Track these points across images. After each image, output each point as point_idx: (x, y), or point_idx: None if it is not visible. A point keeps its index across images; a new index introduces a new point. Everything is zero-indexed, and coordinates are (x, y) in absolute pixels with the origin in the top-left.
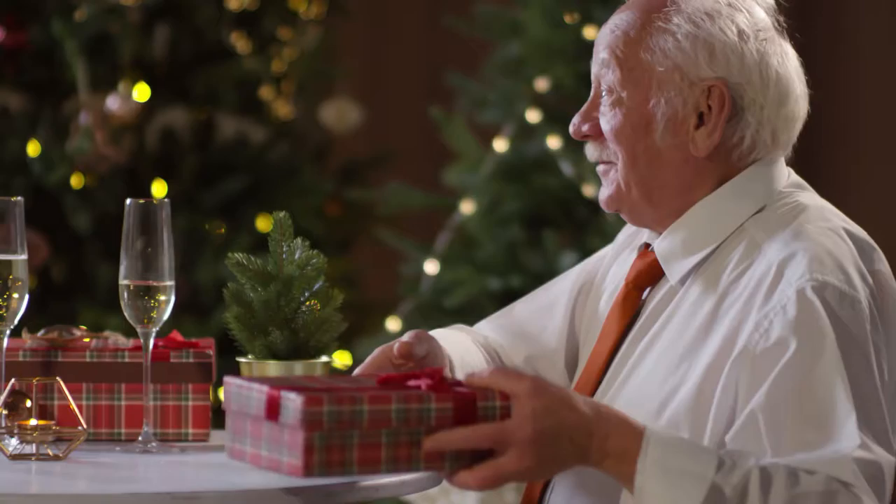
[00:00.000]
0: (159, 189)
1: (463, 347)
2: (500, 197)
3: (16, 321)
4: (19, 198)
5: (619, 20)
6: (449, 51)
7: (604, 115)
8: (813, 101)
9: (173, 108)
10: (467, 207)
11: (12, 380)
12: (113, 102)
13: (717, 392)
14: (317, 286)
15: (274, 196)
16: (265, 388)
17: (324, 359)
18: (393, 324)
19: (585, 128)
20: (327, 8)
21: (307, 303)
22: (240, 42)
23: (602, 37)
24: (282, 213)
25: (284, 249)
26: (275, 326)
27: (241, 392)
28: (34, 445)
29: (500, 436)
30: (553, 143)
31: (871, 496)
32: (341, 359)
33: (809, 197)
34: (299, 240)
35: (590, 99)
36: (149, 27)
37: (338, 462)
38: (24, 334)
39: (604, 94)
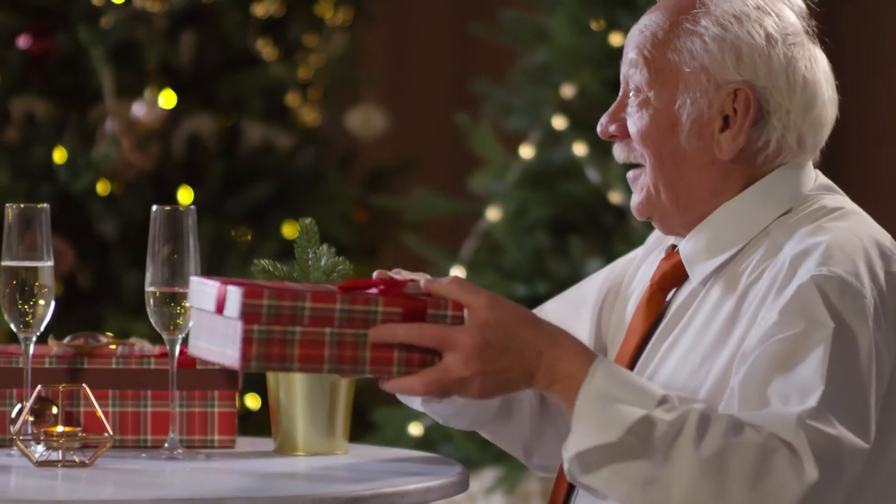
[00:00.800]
0: (185, 196)
1: None
2: (527, 203)
3: (42, 328)
4: (45, 205)
5: (648, 21)
6: (475, 57)
7: (630, 115)
8: (841, 105)
9: (199, 115)
10: (493, 214)
11: (38, 386)
12: (139, 109)
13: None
14: None
15: (300, 202)
16: (217, 284)
17: None
18: None
19: (613, 128)
20: (353, 14)
21: None
22: (266, 48)
23: (631, 37)
24: (308, 220)
25: (310, 256)
26: None
27: (200, 289)
28: (60, 452)
29: (447, 338)
30: (579, 149)
31: (814, 466)
32: None
33: (837, 200)
34: (325, 246)
35: (618, 99)
36: (175, 34)
37: (277, 356)
38: (51, 341)
39: (631, 94)
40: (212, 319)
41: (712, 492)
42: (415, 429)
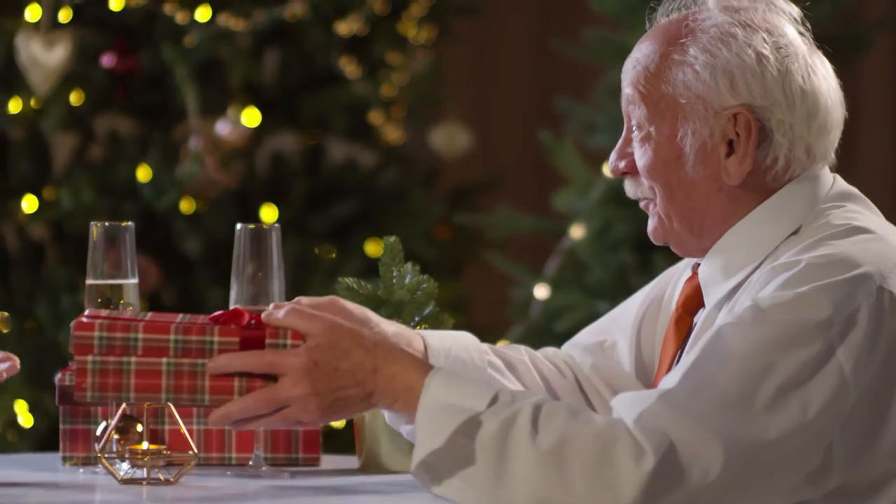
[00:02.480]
0: (269, 214)
1: (458, 341)
2: (610, 221)
3: None
4: (130, 223)
5: (639, 54)
6: (558, 75)
7: (635, 151)
8: None
9: (283, 133)
10: (577, 232)
11: (123, 404)
12: (223, 127)
13: None
14: (427, 311)
15: (384, 220)
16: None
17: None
18: None
19: (622, 165)
20: (437, 33)
21: (418, 327)
22: (349, 67)
23: (625, 72)
24: (392, 238)
25: (395, 274)
26: None
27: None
28: (145, 470)
29: (278, 362)
30: None
31: (652, 455)
32: None
33: (847, 213)
34: (410, 264)
35: (623, 135)
36: (259, 52)
37: (113, 387)
38: None
39: (634, 129)
40: None
41: (554, 485)
42: None
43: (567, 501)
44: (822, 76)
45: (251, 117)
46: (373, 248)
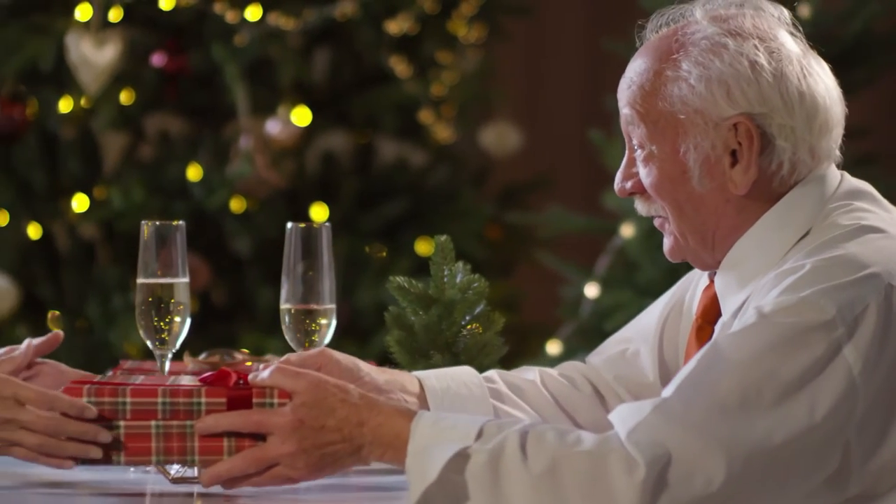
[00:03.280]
0: (319, 213)
1: (456, 378)
2: None
3: (177, 344)
4: (181, 222)
5: (633, 73)
6: (609, 73)
7: (640, 170)
8: None
9: (333, 132)
10: (627, 231)
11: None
12: (273, 126)
13: None
14: (478, 310)
15: (434, 220)
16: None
17: (497, 370)
18: (553, 347)
19: (628, 185)
20: (487, 32)
21: (468, 326)
22: (399, 66)
23: (621, 92)
24: (443, 237)
25: (446, 273)
26: (436, 350)
27: None
28: (196, 468)
29: (265, 421)
30: None
31: (644, 465)
32: None
33: (855, 213)
34: (460, 263)
35: (626, 155)
36: (309, 51)
37: (104, 450)
38: (186, 358)
39: (637, 149)
40: None
41: None
42: None
43: None
44: (818, 76)
45: (301, 116)
46: (423, 247)
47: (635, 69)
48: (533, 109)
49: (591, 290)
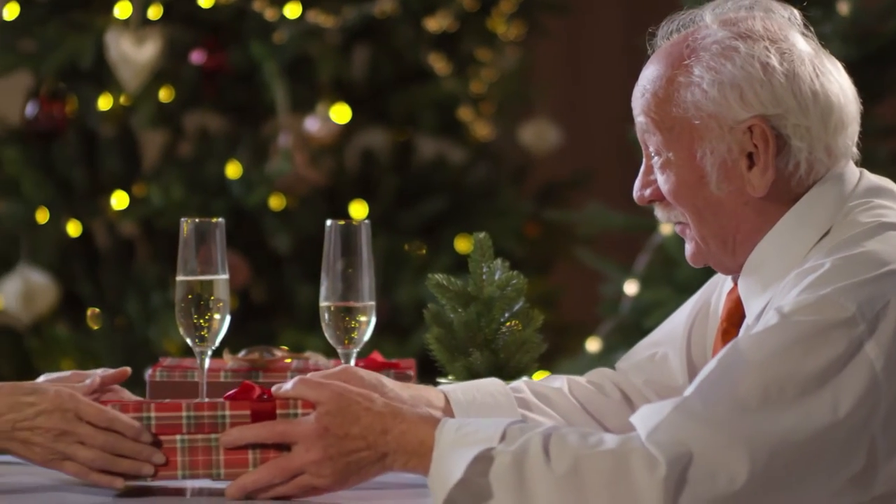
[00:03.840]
0: (359, 210)
1: (482, 389)
2: None
3: (217, 342)
4: (221, 219)
5: (646, 80)
6: None
7: (658, 178)
8: None
9: (373, 130)
10: (667, 228)
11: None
12: (312, 124)
13: None
14: (517, 307)
15: (473, 217)
16: None
17: (524, 379)
18: (593, 344)
19: (647, 193)
20: (526, 29)
21: (507, 324)
22: (439, 63)
23: (636, 100)
24: (482, 234)
25: (485, 270)
26: (475, 347)
27: None
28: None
29: (289, 430)
30: None
31: (665, 462)
32: None
33: (874, 210)
34: (499, 261)
35: (643, 163)
36: (348, 49)
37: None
38: (226, 355)
39: (653, 156)
40: None
41: None
42: None
43: None
44: (831, 74)
45: (341, 114)
46: (462, 244)
47: (648, 77)
48: (572, 107)
49: (631, 288)
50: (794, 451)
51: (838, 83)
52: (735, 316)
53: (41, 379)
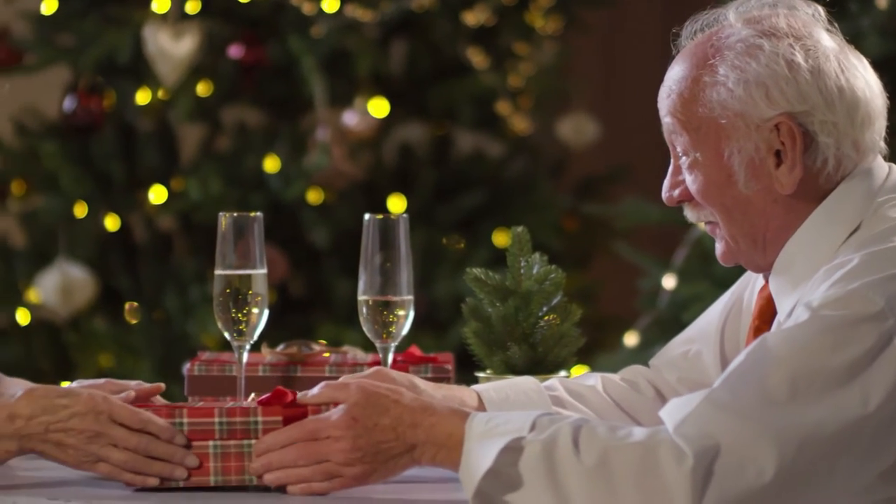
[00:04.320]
0: (397, 204)
1: (515, 387)
2: None
3: (255, 336)
4: (259, 213)
5: (671, 81)
6: None
7: (686, 178)
8: None
9: (411, 124)
10: None
11: (252, 394)
12: (350, 118)
13: None
14: (555, 301)
15: (511, 211)
16: None
17: (562, 374)
18: (631, 339)
19: (676, 194)
20: (564, 23)
21: (546, 318)
22: (477, 57)
23: (661, 101)
24: (520, 228)
25: (523, 264)
26: (513, 341)
27: None
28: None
29: (319, 426)
30: None
31: (692, 454)
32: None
33: None
34: (537, 255)
35: (671, 164)
36: (386, 43)
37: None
38: (264, 349)
39: (681, 157)
40: None
41: (606, 497)
42: None
43: None
44: (857, 70)
45: (378, 108)
46: (500, 238)
47: (673, 77)
48: (610, 101)
49: (669, 282)
50: (822, 445)
51: (864, 78)
52: (766, 313)
53: (74, 384)
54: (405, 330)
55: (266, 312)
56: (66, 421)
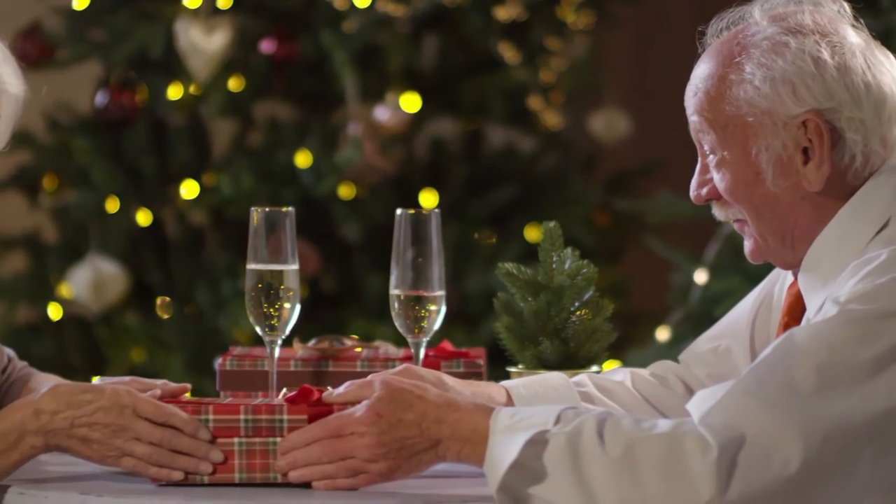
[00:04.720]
0: (429, 199)
1: (544, 383)
2: None
3: (287, 331)
4: (291, 208)
5: (698, 80)
6: None
7: (714, 176)
8: None
9: (442, 119)
10: None
11: (284, 389)
12: (382, 113)
13: None
14: (587, 296)
15: (543, 206)
16: None
17: (593, 369)
18: (663, 333)
19: (704, 192)
20: (596, 18)
21: (577, 313)
22: (508, 52)
23: (688, 99)
24: (552, 223)
25: (554, 259)
26: (545, 336)
27: None
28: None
29: (343, 422)
30: None
31: (716, 445)
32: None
33: None
34: (569, 249)
35: (699, 162)
36: (417, 38)
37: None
38: (296, 344)
39: (709, 155)
40: None
41: (630, 488)
42: None
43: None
44: (883, 65)
45: (410, 103)
46: (532, 233)
47: (699, 76)
48: (642, 95)
49: (701, 277)
50: (847, 437)
51: (890, 74)
52: (795, 310)
53: (97, 381)
54: (437, 325)
55: (298, 307)
56: (91, 415)
